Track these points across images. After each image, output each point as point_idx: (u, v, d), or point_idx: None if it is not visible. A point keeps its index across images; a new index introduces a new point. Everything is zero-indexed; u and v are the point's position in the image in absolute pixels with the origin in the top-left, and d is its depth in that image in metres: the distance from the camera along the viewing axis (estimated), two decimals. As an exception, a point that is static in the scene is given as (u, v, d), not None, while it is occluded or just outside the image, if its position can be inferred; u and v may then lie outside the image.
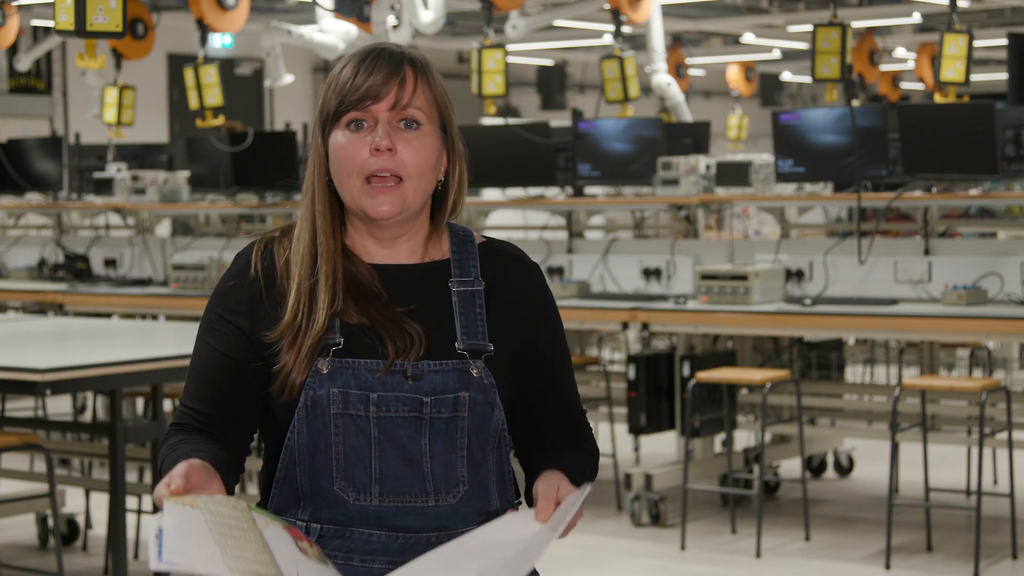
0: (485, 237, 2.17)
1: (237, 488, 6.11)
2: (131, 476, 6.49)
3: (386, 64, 2.03)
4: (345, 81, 2.03)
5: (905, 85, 17.72)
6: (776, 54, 17.50)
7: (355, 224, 2.09)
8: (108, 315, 8.25)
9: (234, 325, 2.06)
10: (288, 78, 9.77)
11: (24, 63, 12.12)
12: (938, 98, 7.31)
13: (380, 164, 2.01)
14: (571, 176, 7.94)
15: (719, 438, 7.15)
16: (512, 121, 9.91)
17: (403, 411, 2.01)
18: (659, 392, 7.00)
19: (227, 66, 15.89)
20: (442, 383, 2.02)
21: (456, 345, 2.04)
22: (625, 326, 6.89)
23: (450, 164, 2.10)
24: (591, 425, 2.21)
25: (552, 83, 17.63)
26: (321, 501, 2.03)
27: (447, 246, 2.12)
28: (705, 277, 6.70)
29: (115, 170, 9.42)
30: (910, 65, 16.28)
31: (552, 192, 8.32)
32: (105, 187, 9.37)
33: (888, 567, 5.93)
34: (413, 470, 2.01)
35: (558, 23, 12.85)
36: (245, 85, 16.92)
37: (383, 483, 2.01)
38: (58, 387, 4.50)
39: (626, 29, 9.07)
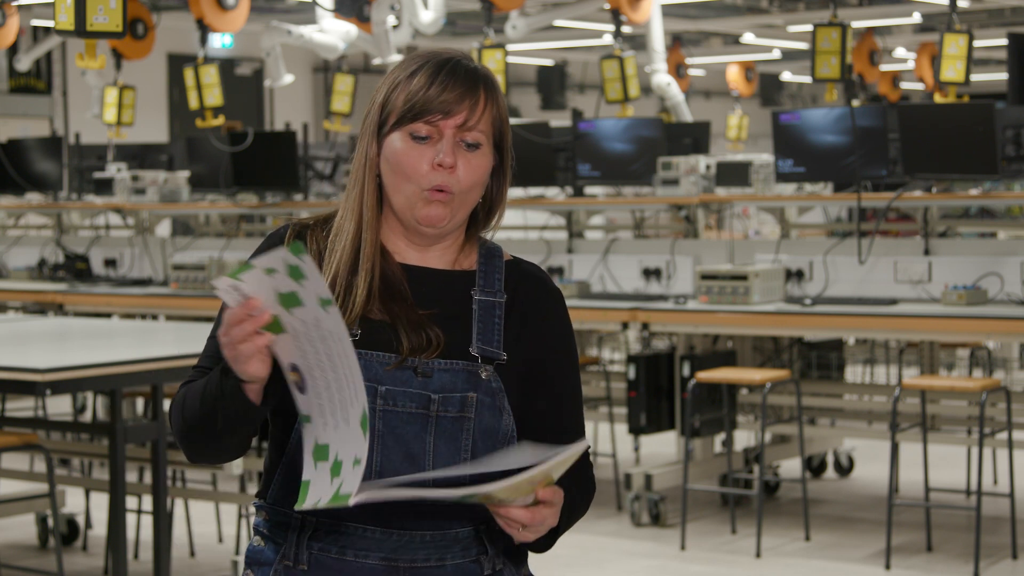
0: (513, 256, 2.18)
1: (235, 487, 6.09)
2: (131, 476, 6.49)
3: (462, 81, 2.04)
4: (418, 89, 2.03)
5: (905, 85, 17.72)
6: (776, 54, 17.49)
7: (392, 223, 2.10)
8: (108, 315, 8.25)
9: None
10: (288, 78, 9.77)
11: (24, 63, 12.12)
12: (938, 98, 7.31)
13: (440, 180, 2.03)
14: (571, 176, 7.93)
15: (719, 438, 7.15)
16: (512, 121, 9.90)
17: (410, 406, 2.02)
18: (659, 392, 7.00)
19: (227, 66, 15.89)
20: (451, 382, 2.03)
21: (470, 350, 2.06)
22: (625, 326, 6.89)
23: (497, 181, 2.12)
24: (590, 462, 2.18)
25: (552, 83, 17.63)
26: None
27: (475, 258, 2.14)
28: (705, 277, 6.70)
29: (115, 170, 9.42)
30: (910, 65, 16.27)
31: (552, 192, 8.32)
32: (105, 187, 9.37)
33: (888, 567, 5.93)
34: (413, 467, 2.01)
35: (558, 23, 12.84)
36: (245, 85, 16.92)
37: (382, 477, 2.01)
38: (58, 387, 4.50)
39: (626, 29, 9.07)
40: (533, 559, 2.19)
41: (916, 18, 14.04)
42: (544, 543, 2.05)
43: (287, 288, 1.84)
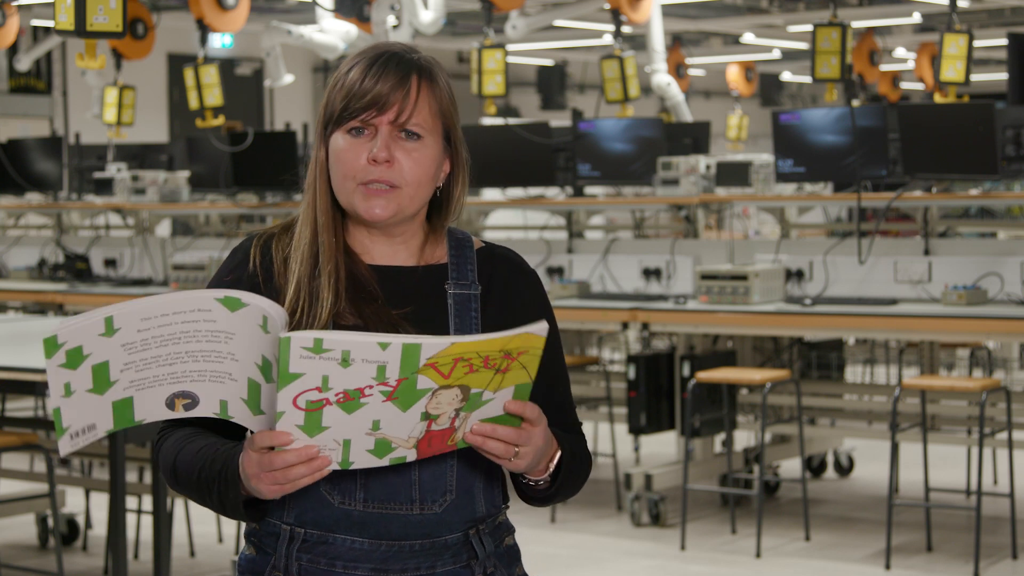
0: (484, 242, 2.16)
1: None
2: (131, 476, 6.49)
3: (393, 73, 2.01)
4: (351, 84, 2.01)
5: (905, 85, 17.72)
6: (776, 54, 17.49)
7: (356, 223, 2.08)
8: (108, 315, 8.24)
9: None
10: (288, 78, 9.77)
11: (24, 63, 12.12)
12: (938, 98, 7.31)
13: (377, 174, 2.00)
14: (571, 176, 7.93)
15: (719, 438, 7.15)
16: (512, 121, 9.91)
17: None
18: (659, 392, 7.00)
19: (227, 66, 15.89)
20: None
21: None
22: (625, 326, 6.89)
23: (452, 171, 2.09)
24: (584, 436, 2.17)
25: (552, 83, 17.63)
26: (307, 502, 2.01)
27: (445, 249, 2.11)
28: (705, 277, 6.70)
29: (115, 170, 9.42)
30: (910, 65, 16.27)
31: (552, 192, 8.32)
32: (105, 187, 9.37)
33: (888, 567, 5.93)
34: (400, 477, 1.99)
35: (558, 23, 12.84)
36: (245, 85, 16.92)
37: (368, 488, 1.99)
38: (58, 387, 4.49)
39: (626, 29, 9.07)
40: (532, 559, 2.19)
41: (916, 18, 14.04)
42: (543, 495, 2.03)
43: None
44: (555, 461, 2.00)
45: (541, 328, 1.82)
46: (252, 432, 1.90)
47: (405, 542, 2.01)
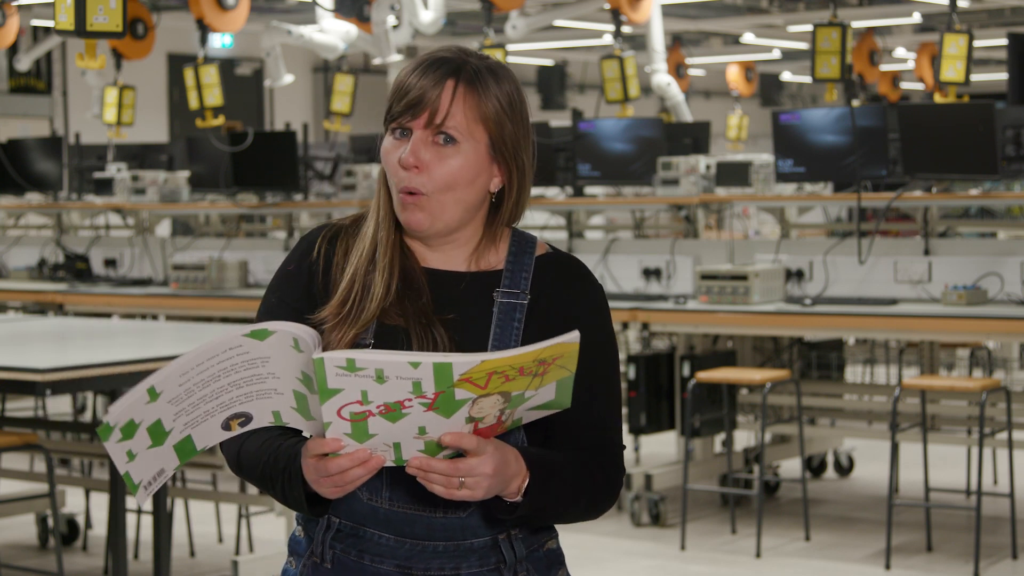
0: (552, 248, 2.12)
1: (235, 487, 6.08)
2: (131, 476, 6.48)
3: (432, 76, 1.99)
4: (399, 84, 2.02)
5: (905, 85, 17.72)
6: (776, 54, 17.49)
7: None
8: (108, 315, 8.25)
9: (292, 309, 2.06)
10: (288, 78, 9.76)
11: (24, 63, 12.12)
12: (938, 98, 7.31)
13: (406, 180, 2.00)
14: (571, 176, 7.93)
15: (719, 438, 7.15)
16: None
17: None
18: (659, 392, 7.00)
19: (227, 66, 15.89)
20: None
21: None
22: (625, 326, 6.89)
23: (508, 177, 2.06)
24: (617, 464, 2.06)
25: (552, 83, 17.62)
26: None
27: (504, 255, 2.08)
28: (705, 277, 6.70)
29: (115, 170, 9.42)
30: (910, 65, 16.27)
31: (552, 192, 8.32)
32: (105, 187, 9.37)
33: (888, 567, 5.93)
34: (416, 482, 1.96)
35: (558, 23, 12.84)
36: (245, 85, 16.92)
37: (393, 488, 2.00)
38: (58, 387, 4.49)
39: (626, 29, 9.07)
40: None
41: (916, 18, 14.04)
42: (517, 514, 1.94)
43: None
44: (526, 483, 1.92)
45: (572, 336, 1.81)
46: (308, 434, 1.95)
47: (429, 542, 2.01)
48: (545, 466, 1.95)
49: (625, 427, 7.12)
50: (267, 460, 1.98)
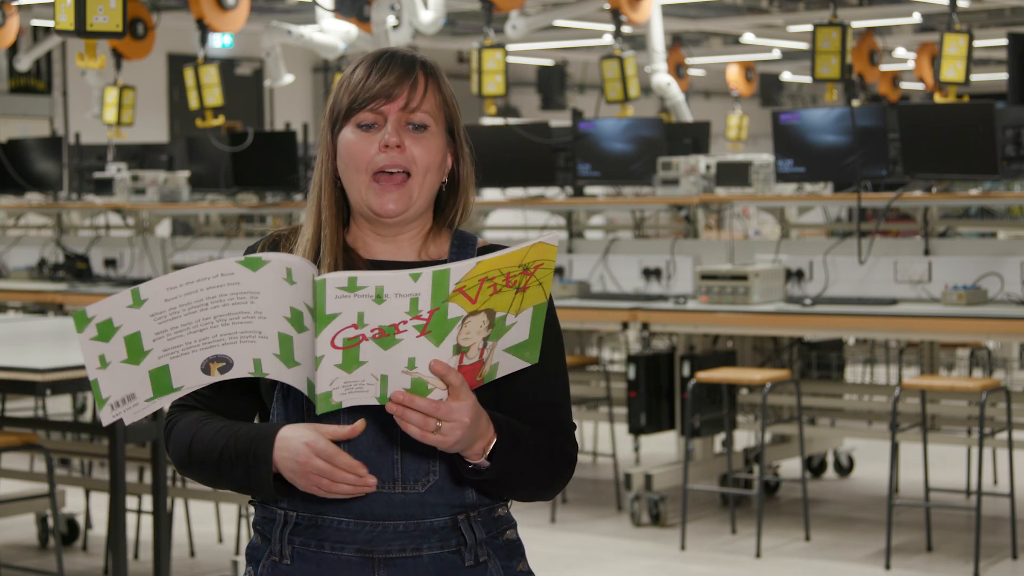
0: (488, 242, 2.17)
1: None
2: (131, 476, 6.49)
3: (399, 66, 2.07)
4: (358, 82, 2.07)
5: (905, 85, 17.72)
6: (776, 54, 17.49)
7: (358, 221, 2.13)
8: (108, 315, 8.24)
9: None
10: (288, 78, 9.77)
11: (24, 63, 12.12)
12: (938, 98, 7.31)
13: (389, 160, 2.05)
14: (571, 176, 7.93)
15: (719, 438, 7.15)
16: (512, 121, 9.92)
17: None
18: (659, 392, 7.00)
19: (227, 66, 15.89)
20: None
21: None
22: (625, 326, 6.89)
23: (456, 166, 2.14)
24: (573, 439, 2.14)
25: (552, 83, 17.63)
26: None
27: (447, 247, 2.14)
28: (705, 277, 6.70)
29: (115, 170, 9.43)
30: (910, 65, 16.27)
31: (552, 192, 8.32)
32: (105, 187, 9.37)
33: (888, 567, 5.93)
34: (382, 455, 2.02)
35: (558, 23, 12.84)
36: (245, 85, 16.92)
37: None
38: (58, 387, 4.50)
39: (626, 29, 9.07)
40: (531, 559, 2.18)
41: (916, 18, 14.04)
42: (479, 478, 2.00)
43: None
44: (491, 446, 1.99)
45: (553, 237, 1.89)
46: (277, 417, 2.01)
47: (388, 522, 2.03)
48: (511, 433, 2.02)
49: (625, 427, 7.12)
50: (228, 442, 2.02)
